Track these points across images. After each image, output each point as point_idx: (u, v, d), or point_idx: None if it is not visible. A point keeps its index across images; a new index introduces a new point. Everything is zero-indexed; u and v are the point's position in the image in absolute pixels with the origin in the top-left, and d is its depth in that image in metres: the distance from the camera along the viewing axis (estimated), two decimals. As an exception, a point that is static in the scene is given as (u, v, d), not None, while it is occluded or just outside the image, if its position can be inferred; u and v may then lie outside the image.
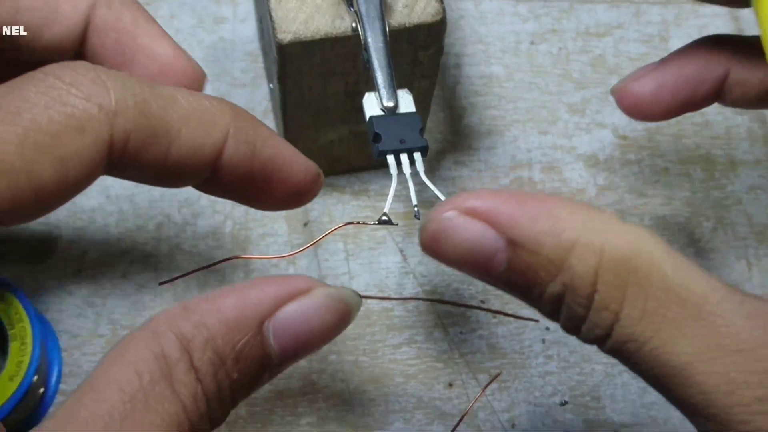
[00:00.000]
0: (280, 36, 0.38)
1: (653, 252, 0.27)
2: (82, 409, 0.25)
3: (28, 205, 0.24)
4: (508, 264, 0.28)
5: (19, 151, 0.23)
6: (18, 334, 0.41)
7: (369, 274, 0.50)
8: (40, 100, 0.24)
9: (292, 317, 0.28)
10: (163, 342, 0.26)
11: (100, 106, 0.25)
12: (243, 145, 0.28)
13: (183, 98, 0.27)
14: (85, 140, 0.24)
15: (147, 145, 0.26)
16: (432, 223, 0.29)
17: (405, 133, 0.35)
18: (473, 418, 0.47)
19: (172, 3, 0.56)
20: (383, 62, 0.36)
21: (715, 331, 0.26)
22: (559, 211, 0.27)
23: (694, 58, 0.38)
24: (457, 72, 0.56)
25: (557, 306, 0.28)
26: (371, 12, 0.36)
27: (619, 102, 0.39)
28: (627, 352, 0.27)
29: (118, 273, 0.48)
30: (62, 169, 0.24)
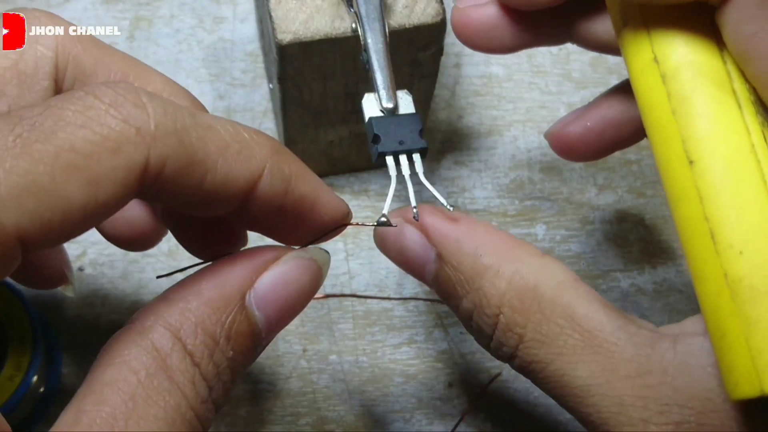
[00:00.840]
0: (280, 36, 0.38)
1: (559, 284, 0.31)
2: (83, 416, 0.24)
3: (56, 228, 0.23)
4: (435, 274, 0.33)
5: (50, 171, 0.22)
6: (18, 334, 0.41)
7: (369, 274, 0.50)
8: (77, 119, 0.23)
9: (270, 285, 0.29)
10: (153, 336, 0.26)
11: (138, 130, 0.24)
12: (278, 181, 0.28)
13: (223, 129, 0.27)
14: (118, 162, 0.24)
15: (182, 173, 0.25)
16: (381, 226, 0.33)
17: (404, 135, 0.34)
18: (473, 418, 0.47)
19: (172, 3, 0.56)
20: (383, 63, 0.36)
21: (609, 358, 0.29)
22: (486, 239, 0.32)
23: (616, 101, 0.40)
24: (457, 72, 0.56)
25: (469, 320, 0.32)
26: (371, 13, 0.36)
27: (552, 146, 0.41)
28: (533, 372, 0.31)
29: (118, 273, 0.48)
30: (93, 190, 0.23)
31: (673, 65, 0.29)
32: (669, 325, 0.31)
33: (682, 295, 0.51)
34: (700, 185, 0.28)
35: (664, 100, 0.29)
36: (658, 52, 0.30)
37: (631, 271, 0.51)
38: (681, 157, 0.28)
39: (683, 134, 0.28)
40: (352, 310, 0.49)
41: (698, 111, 0.28)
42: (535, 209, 0.52)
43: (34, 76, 0.30)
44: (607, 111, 0.40)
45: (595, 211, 0.52)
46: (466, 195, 0.52)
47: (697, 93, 0.29)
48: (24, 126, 0.23)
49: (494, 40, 0.38)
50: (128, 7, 0.55)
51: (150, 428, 0.25)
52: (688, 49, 0.29)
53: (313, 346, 0.48)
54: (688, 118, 0.28)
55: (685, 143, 0.28)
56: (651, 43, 0.30)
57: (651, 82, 0.30)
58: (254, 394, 0.46)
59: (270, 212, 0.29)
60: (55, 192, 0.23)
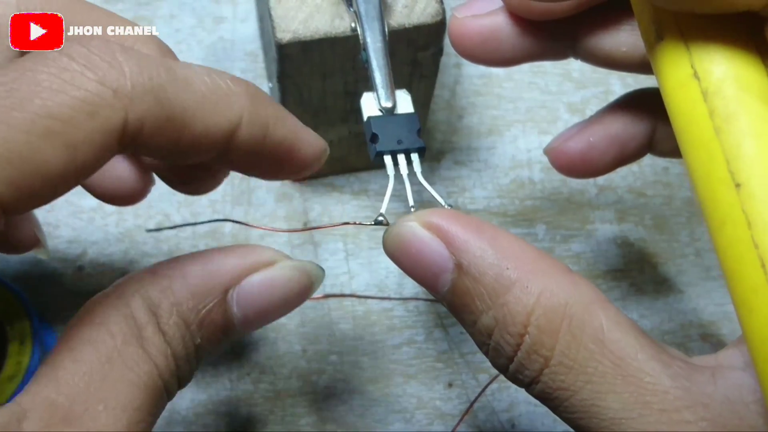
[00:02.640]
0: (280, 35, 0.38)
1: (590, 304, 0.28)
2: (61, 371, 0.25)
3: (35, 193, 0.23)
4: (452, 285, 0.29)
5: (27, 139, 0.22)
6: (17, 334, 0.41)
7: (369, 274, 0.50)
8: (53, 83, 0.23)
9: (256, 288, 0.29)
10: (132, 304, 0.27)
11: (115, 91, 0.24)
12: (256, 127, 0.28)
13: (199, 80, 0.27)
14: (95, 125, 0.24)
15: (160, 130, 0.26)
16: (394, 227, 0.30)
17: (402, 134, 0.34)
18: (473, 418, 0.47)
19: (172, 3, 0.56)
20: (382, 62, 0.36)
21: (642, 389, 0.27)
22: (512, 250, 0.29)
23: (620, 116, 0.38)
24: (457, 72, 0.56)
25: (487, 339, 0.29)
26: (370, 12, 0.36)
27: (552, 162, 0.39)
28: (557, 400, 0.28)
29: (118, 273, 0.48)
30: (71, 155, 0.23)
31: (716, 81, 0.27)
32: (702, 357, 0.29)
33: (683, 295, 0.50)
34: (749, 209, 0.26)
35: (706, 118, 0.27)
36: (699, 66, 0.27)
37: (631, 271, 0.51)
38: (725, 179, 0.26)
39: (728, 154, 0.26)
40: (352, 310, 0.49)
41: (744, 130, 0.26)
42: (535, 209, 0.52)
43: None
44: (611, 126, 0.38)
45: (595, 211, 0.52)
46: (466, 195, 0.52)
47: (742, 110, 0.27)
48: (0, 92, 0.23)
49: (493, 53, 0.36)
50: (128, 6, 0.55)
51: (124, 391, 0.25)
52: (732, 64, 0.27)
53: (313, 346, 0.48)
54: (734, 137, 0.26)
55: (730, 164, 0.26)
56: (690, 57, 0.28)
57: (690, 98, 0.27)
58: (254, 394, 0.46)
59: (250, 156, 0.29)
60: (33, 159, 0.23)
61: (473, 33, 0.35)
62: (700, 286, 0.51)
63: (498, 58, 0.36)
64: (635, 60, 0.34)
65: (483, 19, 0.35)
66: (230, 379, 0.47)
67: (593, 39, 0.35)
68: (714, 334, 0.50)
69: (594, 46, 0.35)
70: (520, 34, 0.35)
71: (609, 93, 0.55)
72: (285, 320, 0.48)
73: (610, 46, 0.34)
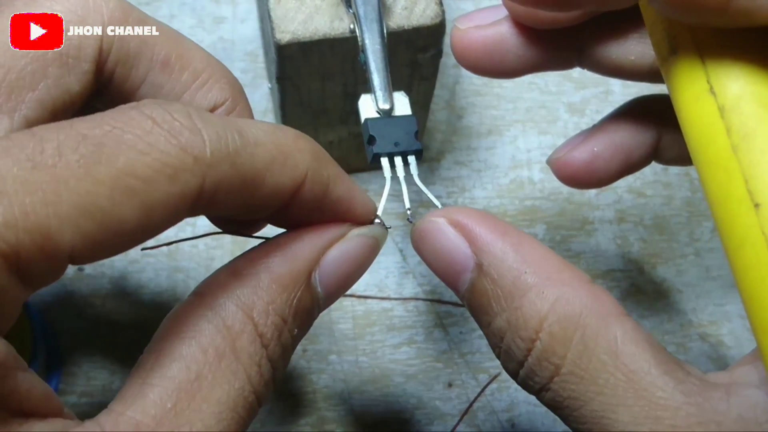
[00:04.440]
0: (279, 36, 0.38)
1: (606, 316, 0.28)
2: (148, 389, 0.25)
3: (105, 247, 0.23)
4: (471, 284, 0.30)
5: (109, 194, 0.23)
6: (18, 335, 0.41)
7: (369, 274, 0.49)
8: (138, 144, 0.24)
9: (335, 263, 0.29)
10: (224, 314, 0.26)
11: (196, 158, 0.24)
12: (318, 185, 0.29)
13: (269, 141, 0.27)
14: (174, 189, 0.24)
15: (233, 193, 0.26)
16: (422, 222, 0.31)
17: (400, 136, 0.34)
18: (473, 418, 0.47)
19: (172, 3, 0.56)
20: (380, 64, 0.36)
21: (654, 404, 0.27)
22: (533, 255, 0.29)
23: (625, 124, 0.37)
24: (457, 72, 0.56)
25: (499, 341, 0.29)
26: (369, 14, 0.36)
27: (556, 173, 0.38)
28: (566, 409, 0.28)
29: (118, 273, 0.48)
30: (147, 214, 0.24)
31: (733, 96, 0.26)
32: (717, 373, 0.28)
33: (682, 295, 0.51)
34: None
35: (723, 135, 0.26)
36: (715, 82, 0.27)
37: (631, 271, 0.51)
38: (743, 199, 0.25)
39: (746, 173, 0.25)
40: (352, 310, 0.49)
41: (764, 147, 0.25)
42: (535, 209, 0.52)
43: (76, 58, 0.30)
44: (616, 135, 0.37)
45: (595, 211, 0.52)
46: (466, 195, 0.52)
47: (761, 127, 0.25)
48: (87, 146, 0.23)
49: (498, 64, 0.35)
50: (128, 7, 0.55)
51: (212, 411, 0.25)
52: (750, 79, 0.26)
53: (313, 346, 0.48)
54: (753, 155, 0.25)
55: (748, 183, 0.25)
56: (706, 71, 0.27)
57: (706, 114, 0.27)
58: (254, 394, 0.46)
59: (307, 214, 0.29)
60: (111, 214, 0.23)
61: (477, 44, 0.35)
62: (699, 286, 0.51)
63: (503, 69, 0.35)
64: (644, 69, 0.34)
65: (486, 30, 0.35)
66: (230, 379, 0.47)
67: (600, 48, 0.34)
68: (713, 334, 0.50)
69: (601, 55, 0.34)
70: (525, 44, 0.34)
71: (609, 93, 0.55)
72: (285, 320, 0.48)
73: (618, 55, 0.34)
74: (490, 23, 0.35)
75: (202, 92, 0.32)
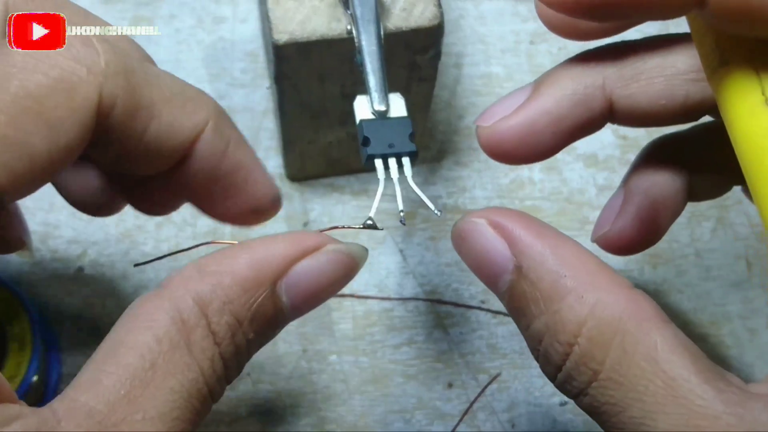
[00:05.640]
0: (277, 36, 0.38)
1: (646, 321, 0.27)
2: (103, 376, 0.25)
3: (23, 178, 0.23)
4: (510, 286, 0.29)
5: (10, 121, 0.22)
6: (17, 334, 0.42)
7: (369, 274, 0.50)
8: (28, 62, 0.23)
9: (305, 275, 0.29)
10: (181, 306, 0.26)
11: (90, 69, 0.24)
12: (218, 141, 0.28)
13: (169, 79, 0.27)
14: (74, 103, 0.24)
15: (129, 117, 0.26)
16: (462, 222, 0.31)
17: (395, 138, 0.34)
18: (473, 418, 0.47)
19: (172, 3, 0.56)
20: (376, 65, 0.36)
21: (693, 412, 0.26)
22: (572, 258, 0.28)
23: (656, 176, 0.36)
24: (457, 72, 0.56)
25: (537, 344, 0.29)
26: (366, 15, 0.36)
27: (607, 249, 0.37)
28: (604, 414, 0.28)
29: (118, 273, 0.48)
30: (54, 134, 0.23)
31: None
32: (759, 383, 0.28)
33: (683, 296, 0.50)
34: None
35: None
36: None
37: (631, 271, 0.51)
38: None
39: None
40: (352, 310, 0.49)
41: None
42: (535, 209, 0.52)
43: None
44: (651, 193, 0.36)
45: (595, 211, 0.52)
46: (466, 195, 0.52)
47: None
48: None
49: (534, 149, 0.34)
50: (128, 7, 0.55)
51: (166, 399, 0.25)
52: None
53: (313, 346, 0.48)
54: None
55: None
56: (761, 83, 0.26)
57: (762, 127, 0.26)
58: (254, 395, 0.46)
59: (205, 176, 0.29)
60: (18, 141, 0.23)
61: (508, 136, 0.33)
62: (700, 286, 0.51)
63: (540, 151, 0.34)
64: (677, 110, 0.33)
65: (514, 119, 0.33)
66: (230, 380, 0.47)
67: (629, 100, 0.33)
68: (713, 334, 0.50)
69: (631, 107, 0.33)
70: (557, 120, 0.33)
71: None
72: (285, 320, 0.48)
73: (647, 102, 0.33)
74: (515, 111, 0.33)
75: None
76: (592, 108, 0.33)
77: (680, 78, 0.32)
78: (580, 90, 0.33)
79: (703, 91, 0.32)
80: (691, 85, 0.32)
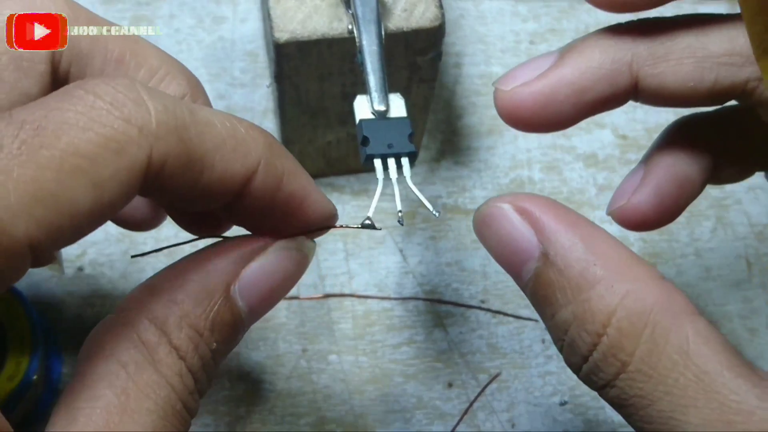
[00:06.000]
0: (278, 35, 0.38)
1: (678, 313, 0.27)
2: (78, 413, 0.25)
3: (63, 232, 0.23)
4: (535, 274, 0.28)
5: (56, 177, 0.22)
6: (17, 334, 0.41)
7: (369, 273, 0.50)
8: (79, 121, 0.23)
9: (256, 276, 0.29)
10: (139, 328, 0.26)
11: (141, 129, 0.24)
12: (271, 177, 0.28)
13: (220, 124, 0.27)
14: (122, 163, 0.24)
15: (181, 170, 0.26)
16: (486, 207, 0.30)
17: (394, 138, 0.34)
18: (473, 417, 0.47)
19: (172, 3, 0.56)
20: (376, 66, 0.36)
21: (726, 407, 0.26)
22: (602, 247, 0.28)
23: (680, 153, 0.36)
24: (457, 71, 0.56)
25: (563, 334, 0.28)
26: (367, 15, 0.36)
27: (622, 223, 0.37)
28: (632, 407, 0.27)
29: (118, 273, 0.48)
30: (98, 192, 0.23)
31: None
32: None
33: (682, 295, 0.50)
34: None
35: None
36: None
37: (631, 271, 0.51)
38: None
39: None
40: (352, 310, 0.49)
41: None
42: (535, 209, 0.52)
43: (30, 60, 0.30)
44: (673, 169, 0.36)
45: (595, 211, 0.52)
46: (466, 195, 0.52)
47: None
48: (27, 131, 0.23)
49: (554, 117, 0.33)
50: (128, 6, 0.55)
51: (144, 422, 0.25)
52: None
53: (313, 346, 0.48)
54: None
55: None
56: None
57: None
58: (254, 394, 0.46)
59: (260, 208, 0.29)
60: (62, 197, 0.23)
61: (527, 103, 0.33)
62: (700, 286, 0.51)
63: (560, 120, 0.33)
64: (703, 93, 0.32)
65: (535, 85, 0.32)
66: (230, 379, 0.47)
67: (656, 79, 0.32)
68: (714, 334, 0.50)
69: (658, 85, 0.32)
70: (580, 89, 0.32)
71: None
72: (285, 320, 0.48)
73: (675, 83, 0.32)
74: (537, 77, 0.33)
75: (161, 88, 0.32)
76: (617, 83, 0.32)
77: (711, 61, 0.31)
78: (606, 64, 0.32)
79: (733, 76, 0.31)
80: (721, 69, 0.31)
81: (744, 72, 0.31)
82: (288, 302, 0.49)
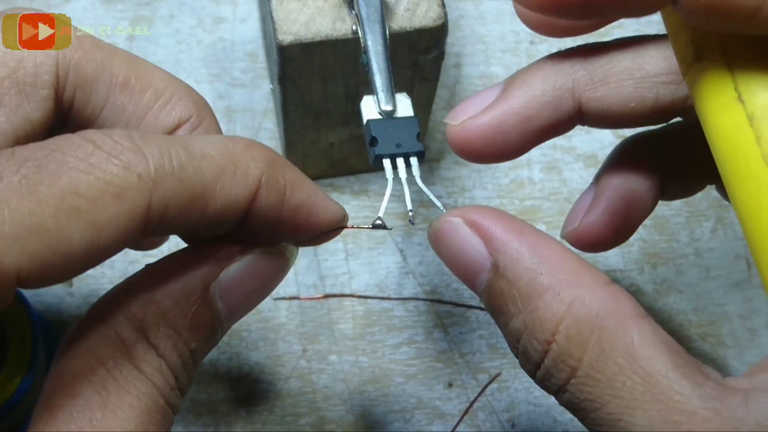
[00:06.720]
0: (281, 37, 0.38)
1: (623, 317, 0.27)
2: (58, 411, 0.25)
3: (55, 269, 0.23)
4: (488, 284, 0.29)
5: (54, 214, 0.23)
6: (18, 334, 0.41)
7: (369, 274, 0.50)
8: (80, 165, 0.24)
9: (235, 278, 0.29)
10: (116, 326, 0.26)
11: (140, 176, 0.24)
12: (273, 193, 0.28)
13: (216, 153, 0.27)
14: (121, 207, 0.24)
15: (185, 209, 0.26)
16: (438, 222, 0.31)
17: (402, 138, 0.34)
18: (473, 418, 0.47)
19: (172, 3, 0.56)
20: (382, 66, 0.36)
21: (671, 407, 0.26)
22: (549, 255, 0.28)
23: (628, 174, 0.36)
24: (457, 72, 0.56)
25: (516, 343, 0.29)
26: (371, 15, 0.36)
27: (575, 244, 0.37)
28: (583, 411, 0.28)
29: (117, 273, 0.48)
30: (96, 234, 0.23)
31: (763, 105, 0.25)
32: (736, 378, 0.28)
33: (682, 295, 0.51)
34: None
35: (752, 145, 0.25)
36: (744, 89, 0.26)
37: (631, 271, 0.51)
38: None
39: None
40: (352, 310, 0.49)
41: None
42: (535, 209, 0.52)
43: (33, 85, 0.30)
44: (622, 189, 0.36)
45: (595, 211, 0.52)
46: (466, 195, 0.52)
47: None
48: (29, 167, 0.23)
49: (503, 148, 0.33)
50: (128, 7, 0.55)
51: (127, 416, 0.25)
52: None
53: (313, 346, 0.48)
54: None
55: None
56: (734, 79, 0.26)
57: (734, 123, 0.26)
58: (254, 394, 0.46)
59: (268, 222, 0.29)
60: (58, 234, 0.23)
61: (477, 134, 0.33)
62: (699, 286, 0.51)
63: (508, 150, 0.34)
64: (646, 112, 0.33)
65: (482, 118, 0.33)
66: (230, 379, 0.47)
67: (598, 102, 0.33)
68: (714, 334, 0.50)
69: (601, 108, 0.33)
70: (525, 119, 0.33)
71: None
72: (285, 320, 0.48)
73: (617, 104, 0.33)
74: (483, 110, 0.33)
75: (166, 111, 0.32)
76: (561, 110, 0.33)
77: (650, 81, 0.32)
78: (549, 91, 0.33)
79: (672, 94, 0.32)
80: (660, 88, 0.32)
81: (683, 89, 0.31)
82: (288, 302, 0.49)
